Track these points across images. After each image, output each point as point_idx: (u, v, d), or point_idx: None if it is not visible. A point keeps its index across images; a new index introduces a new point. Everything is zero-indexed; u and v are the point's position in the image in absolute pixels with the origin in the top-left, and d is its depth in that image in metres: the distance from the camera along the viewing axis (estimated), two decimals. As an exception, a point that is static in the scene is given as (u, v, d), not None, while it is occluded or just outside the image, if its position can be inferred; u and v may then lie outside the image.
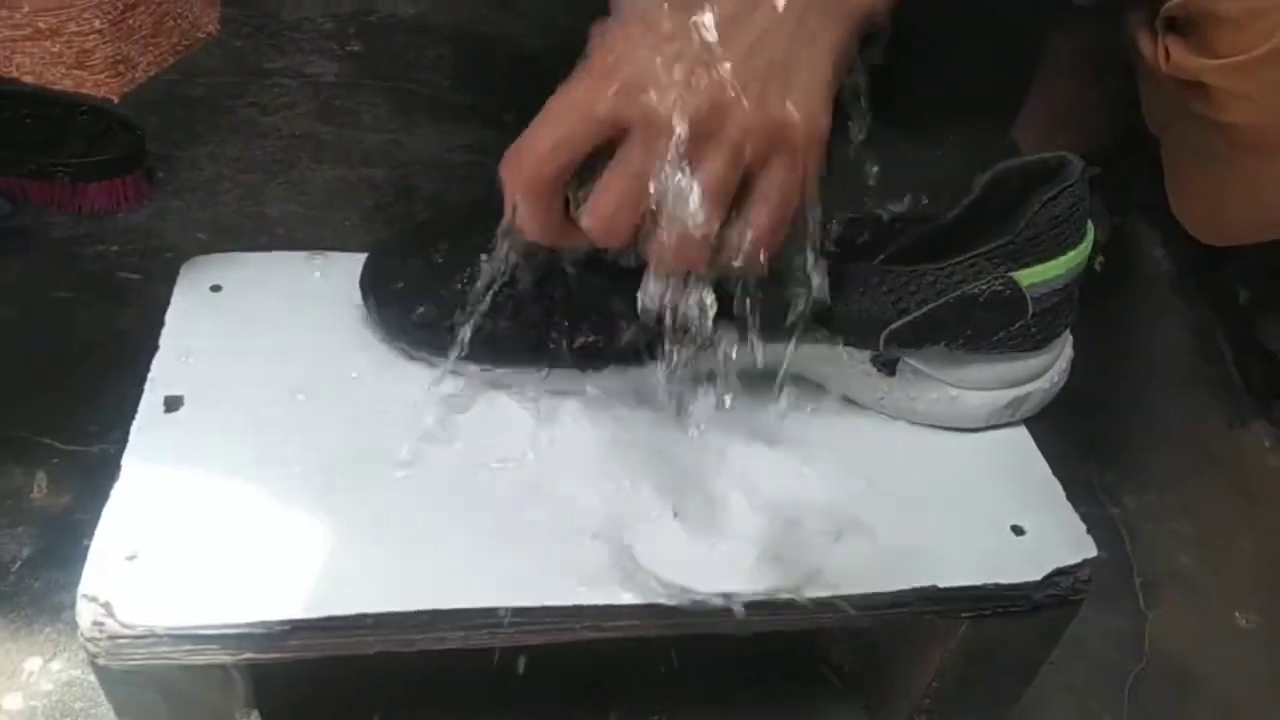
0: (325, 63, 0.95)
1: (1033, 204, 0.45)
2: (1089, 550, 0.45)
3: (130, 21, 0.40)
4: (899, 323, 0.46)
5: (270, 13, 1.01)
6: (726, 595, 0.40)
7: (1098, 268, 0.84)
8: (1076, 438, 0.74)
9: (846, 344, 0.47)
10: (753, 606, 0.41)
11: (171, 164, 0.81)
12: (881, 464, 0.48)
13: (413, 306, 0.46)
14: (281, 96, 0.90)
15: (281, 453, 0.43)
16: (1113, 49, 0.82)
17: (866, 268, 0.45)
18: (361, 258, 0.49)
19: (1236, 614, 0.66)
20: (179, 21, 0.42)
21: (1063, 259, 0.46)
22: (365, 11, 1.03)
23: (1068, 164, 0.46)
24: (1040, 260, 0.46)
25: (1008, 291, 0.46)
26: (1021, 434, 0.51)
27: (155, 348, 0.47)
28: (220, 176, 0.80)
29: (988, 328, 0.47)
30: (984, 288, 0.45)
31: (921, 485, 0.47)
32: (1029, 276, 0.46)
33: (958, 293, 0.45)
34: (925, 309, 0.45)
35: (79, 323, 0.68)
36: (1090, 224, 0.47)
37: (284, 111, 0.88)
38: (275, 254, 0.52)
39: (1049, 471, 0.49)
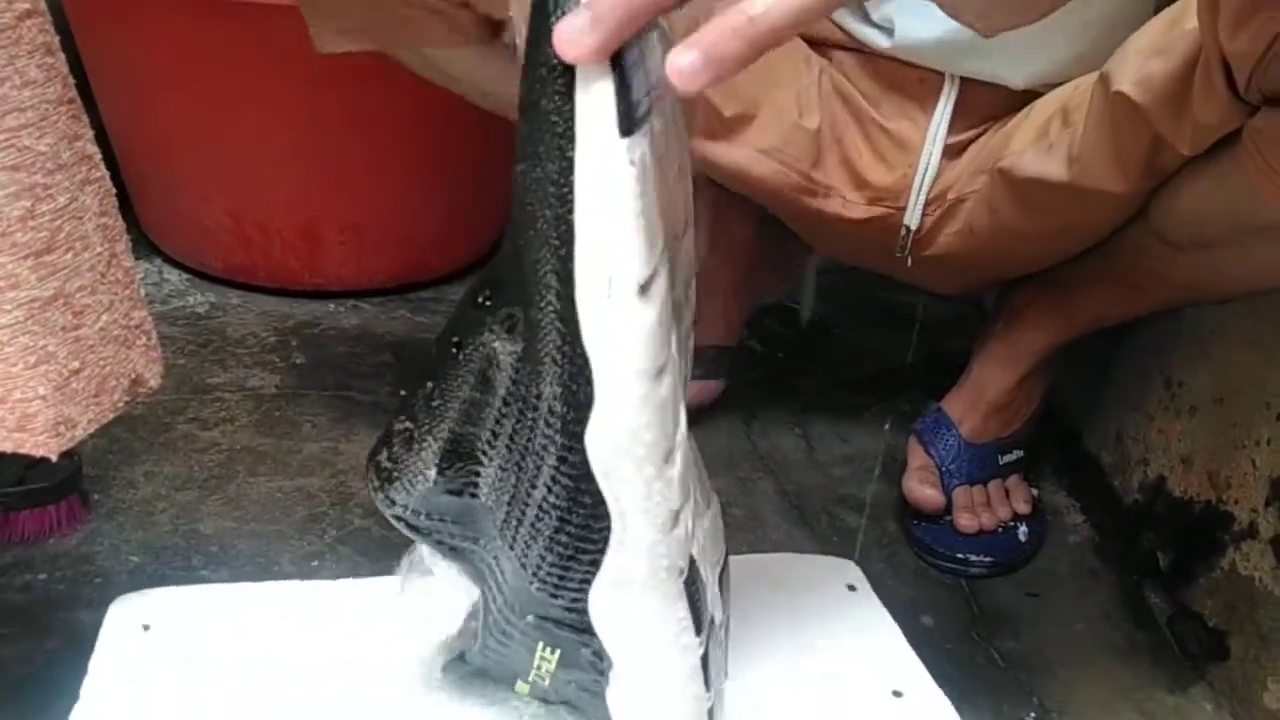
0: (267, 375, 0.99)
1: None
2: None
3: (74, 385, 0.42)
4: None
5: (215, 330, 1.05)
6: None
7: (1022, 538, 0.87)
8: (1020, 711, 0.74)
9: None
10: None
11: (106, 484, 0.81)
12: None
13: None
14: (222, 411, 0.92)
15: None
16: (1031, 346, 0.88)
17: None
18: (290, 585, 0.49)
19: None
20: (121, 380, 0.44)
21: None
22: (309, 324, 1.09)
23: None
24: None
25: None
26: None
27: (80, 688, 0.46)
28: (156, 495, 0.81)
29: None
30: None
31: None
32: None
33: None
34: None
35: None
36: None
37: (223, 426, 0.90)
38: (205, 588, 0.52)
39: None
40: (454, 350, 0.42)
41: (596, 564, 0.40)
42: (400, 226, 1.14)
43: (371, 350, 1.05)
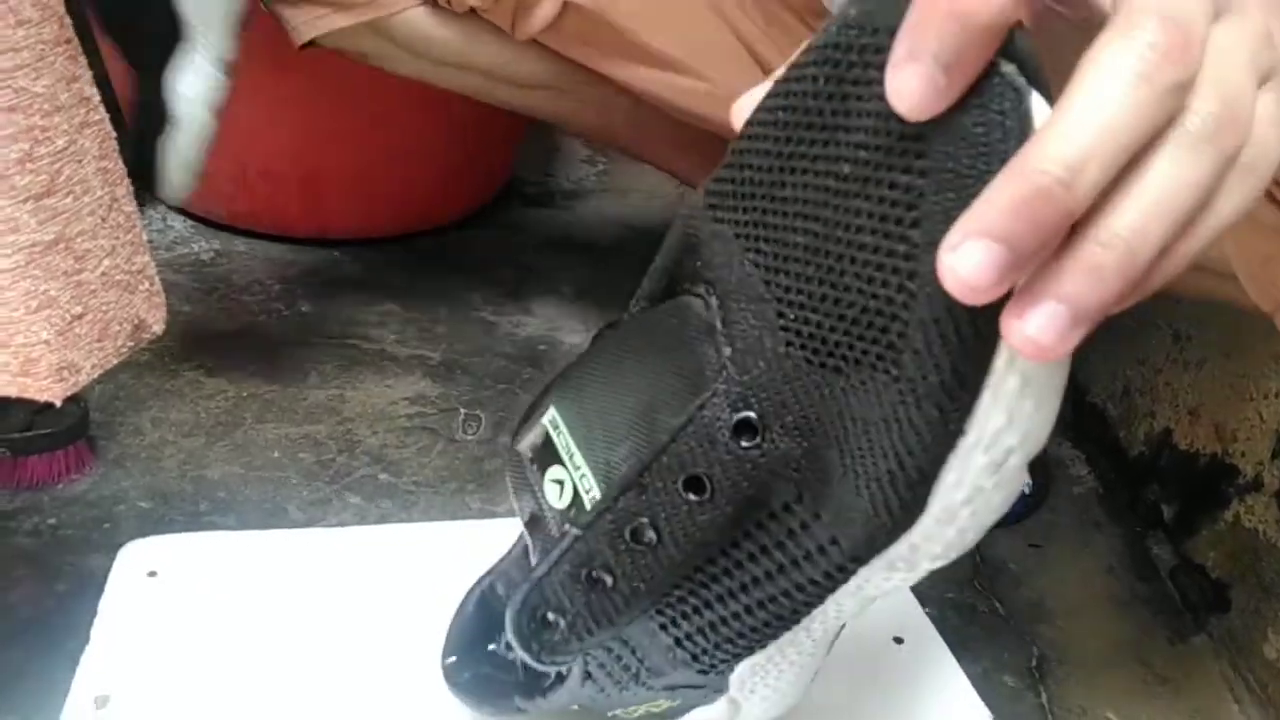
0: (272, 322, 0.98)
1: None
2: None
3: (77, 330, 0.42)
4: None
5: (220, 277, 1.05)
6: None
7: (1027, 490, 0.87)
8: (1021, 660, 0.74)
9: None
10: None
11: (114, 431, 0.82)
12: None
13: None
14: (227, 358, 0.92)
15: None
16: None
17: None
18: (296, 532, 0.49)
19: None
20: (124, 325, 0.44)
21: None
22: (314, 272, 1.08)
23: None
24: None
25: None
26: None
27: (89, 631, 0.47)
28: (163, 441, 0.81)
29: None
30: None
31: None
32: None
33: None
34: None
35: (9, 602, 0.66)
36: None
37: (229, 373, 0.90)
38: (213, 535, 0.53)
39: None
40: (696, 496, 0.34)
41: (764, 646, 0.37)
42: (403, 175, 1.13)
43: (376, 298, 1.05)
